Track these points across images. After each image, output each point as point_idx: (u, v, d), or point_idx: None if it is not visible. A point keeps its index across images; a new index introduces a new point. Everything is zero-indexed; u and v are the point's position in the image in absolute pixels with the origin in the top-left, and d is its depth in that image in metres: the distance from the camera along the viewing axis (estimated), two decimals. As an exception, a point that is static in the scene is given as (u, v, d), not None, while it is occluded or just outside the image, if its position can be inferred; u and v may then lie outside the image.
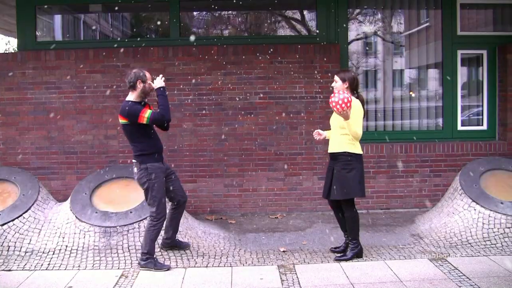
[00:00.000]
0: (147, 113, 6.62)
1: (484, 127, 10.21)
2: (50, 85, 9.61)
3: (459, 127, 10.14)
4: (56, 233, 7.66)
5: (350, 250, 7.21)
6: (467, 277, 6.33)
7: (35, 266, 7.04)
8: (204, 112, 9.66)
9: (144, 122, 6.59)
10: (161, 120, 6.71)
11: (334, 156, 7.10)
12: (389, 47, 10.74)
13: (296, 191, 9.77)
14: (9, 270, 6.91)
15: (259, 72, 9.64)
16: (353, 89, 7.17)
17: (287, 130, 9.69)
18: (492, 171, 8.61)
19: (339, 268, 6.80)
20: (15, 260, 7.24)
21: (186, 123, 9.64)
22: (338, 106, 6.62)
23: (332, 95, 6.72)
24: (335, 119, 7.12)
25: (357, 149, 7.04)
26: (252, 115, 9.67)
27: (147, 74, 6.89)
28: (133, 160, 6.91)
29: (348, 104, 6.58)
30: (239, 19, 10.85)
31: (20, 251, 7.44)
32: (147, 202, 6.96)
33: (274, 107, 9.66)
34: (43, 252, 7.41)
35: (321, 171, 8.84)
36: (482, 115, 10.27)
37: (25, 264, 7.10)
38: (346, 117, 6.78)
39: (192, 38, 10.06)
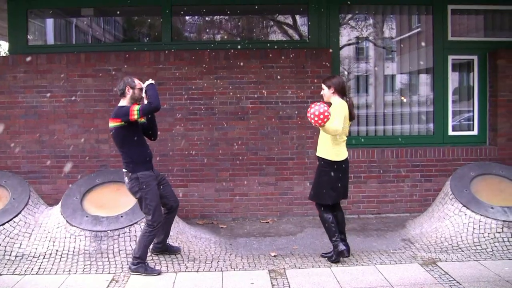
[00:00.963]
0: (136, 107, 6.60)
1: (475, 132, 10.22)
2: (42, 89, 9.59)
3: (450, 132, 10.15)
4: (46, 237, 7.64)
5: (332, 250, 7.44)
6: (458, 282, 6.36)
7: (25, 271, 7.00)
8: (195, 116, 9.64)
9: (135, 116, 6.53)
10: (149, 108, 6.65)
11: (317, 158, 7.30)
12: (380, 52, 10.74)
13: (287, 196, 9.76)
14: (-1, 275, 7.09)
15: (251, 77, 9.64)
16: (341, 93, 7.19)
17: (278, 135, 9.68)
18: (482, 176, 8.64)
19: (330, 273, 6.81)
20: (5, 264, 7.22)
21: (177, 128, 9.63)
22: (313, 121, 6.69)
23: (309, 108, 6.79)
24: None
25: (333, 155, 7.06)
26: (244, 120, 9.67)
27: (136, 80, 6.91)
28: (123, 170, 6.88)
29: (323, 117, 6.58)
30: (231, 24, 10.86)
31: (10, 255, 7.40)
32: (142, 210, 6.94)
33: (265, 111, 9.66)
34: (34, 257, 7.38)
35: (312, 175, 8.78)
36: (473, 120, 10.30)
37: (15, 269, 7.06)
38: (325, 131, 6.87)
39: (184, 42, 10.08)
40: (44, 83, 9.60)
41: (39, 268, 7.08)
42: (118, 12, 10.71)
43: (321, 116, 6.56)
